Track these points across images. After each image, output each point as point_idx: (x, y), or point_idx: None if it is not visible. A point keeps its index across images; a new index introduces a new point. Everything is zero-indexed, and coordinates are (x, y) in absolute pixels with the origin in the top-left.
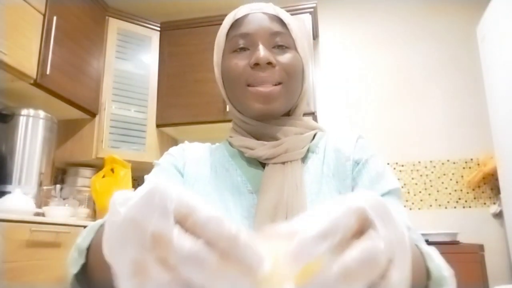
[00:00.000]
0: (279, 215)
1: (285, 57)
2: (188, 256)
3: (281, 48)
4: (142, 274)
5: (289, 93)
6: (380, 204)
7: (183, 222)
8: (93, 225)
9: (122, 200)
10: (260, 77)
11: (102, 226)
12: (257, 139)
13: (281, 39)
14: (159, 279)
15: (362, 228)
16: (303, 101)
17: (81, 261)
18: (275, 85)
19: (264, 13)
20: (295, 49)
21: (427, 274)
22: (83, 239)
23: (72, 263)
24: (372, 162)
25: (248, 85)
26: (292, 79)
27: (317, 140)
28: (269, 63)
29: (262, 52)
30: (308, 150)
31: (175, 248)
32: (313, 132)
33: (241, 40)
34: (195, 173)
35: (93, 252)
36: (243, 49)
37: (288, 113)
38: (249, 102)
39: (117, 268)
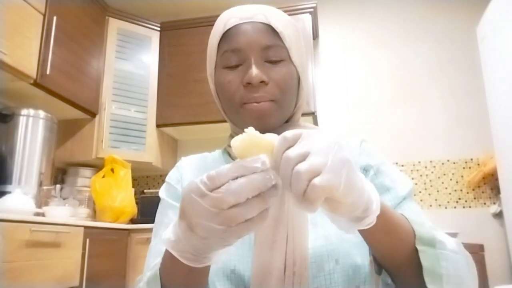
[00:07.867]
0: (281, 225)
1: (278, 72)
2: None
3: (274, 62)
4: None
5: (282, 108)
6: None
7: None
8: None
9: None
10: (254, 97)
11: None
12: None
13: (273, 53)
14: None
15: None
16: (300, 109)
17: None
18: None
19: (254, 23)
20: (290, 59)
21: (414, 235)
22: None
23: None
24: (385, 169)
25: (243, 103)
26: (285, 94)
27: None
28: (262, 82)
29: (254, 71)
30: None
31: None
32: None
33: (233, 56)
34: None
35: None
36: (235, 65)
37: (286, 120)
38: (244, 119)
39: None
